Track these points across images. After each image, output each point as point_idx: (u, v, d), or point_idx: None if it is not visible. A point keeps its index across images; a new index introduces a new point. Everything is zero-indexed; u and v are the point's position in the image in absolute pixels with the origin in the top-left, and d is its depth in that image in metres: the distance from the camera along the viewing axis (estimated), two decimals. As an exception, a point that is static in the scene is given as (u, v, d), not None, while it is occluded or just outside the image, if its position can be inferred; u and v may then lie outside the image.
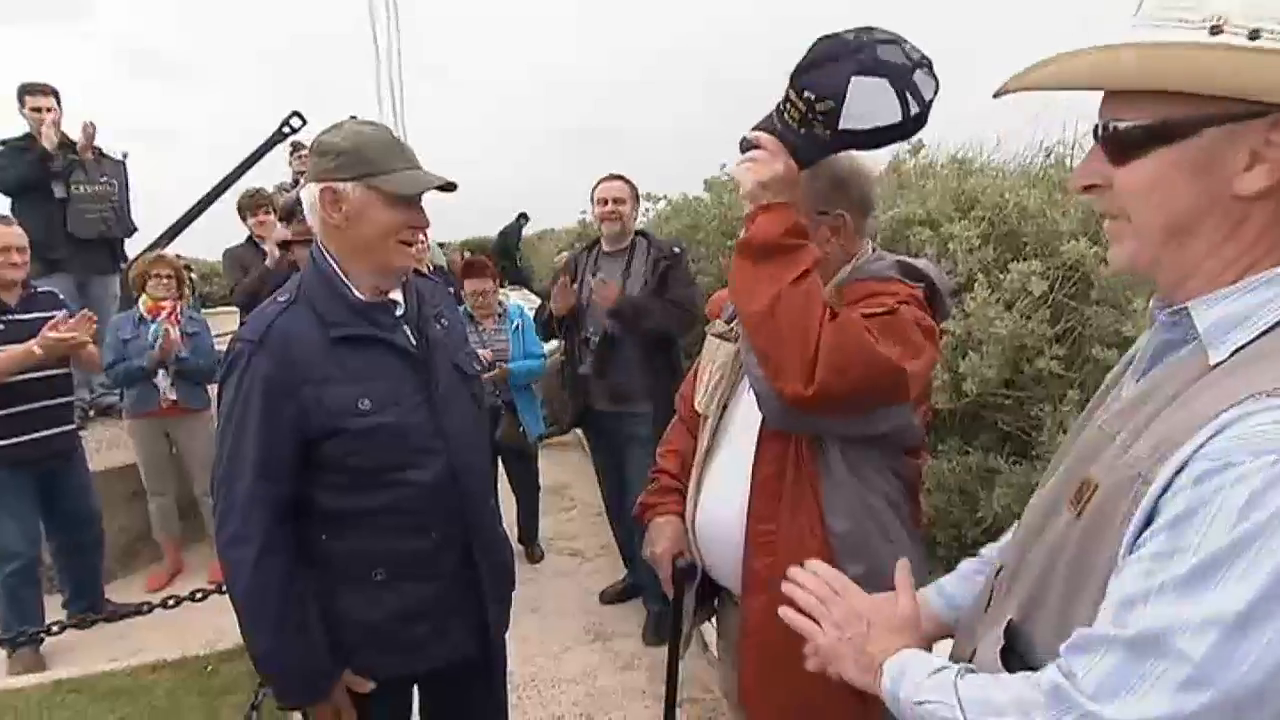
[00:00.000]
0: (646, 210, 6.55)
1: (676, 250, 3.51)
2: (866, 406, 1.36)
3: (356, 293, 1.59)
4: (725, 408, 1.64)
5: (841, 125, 1.26)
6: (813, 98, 1.26)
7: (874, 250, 1.54)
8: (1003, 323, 2.42)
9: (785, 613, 1.10)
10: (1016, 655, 0.87)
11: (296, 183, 5.76)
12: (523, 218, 17.01)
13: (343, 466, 1.53)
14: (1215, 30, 0.72)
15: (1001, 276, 2.55)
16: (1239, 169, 0.73)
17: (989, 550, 1.22)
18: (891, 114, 1.25)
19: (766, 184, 1.31)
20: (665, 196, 6.56)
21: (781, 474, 1.47)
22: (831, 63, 1.25)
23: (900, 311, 1.37)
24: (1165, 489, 0.70)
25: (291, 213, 5.40)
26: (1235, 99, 0.71)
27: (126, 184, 5.30)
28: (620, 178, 3.55)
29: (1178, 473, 0.69)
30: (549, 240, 13.97)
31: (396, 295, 1.67)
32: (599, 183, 3.56)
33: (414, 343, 1.64)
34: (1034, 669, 0.80)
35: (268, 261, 4.34)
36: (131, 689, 3.17)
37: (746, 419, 1.55)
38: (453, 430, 1.66)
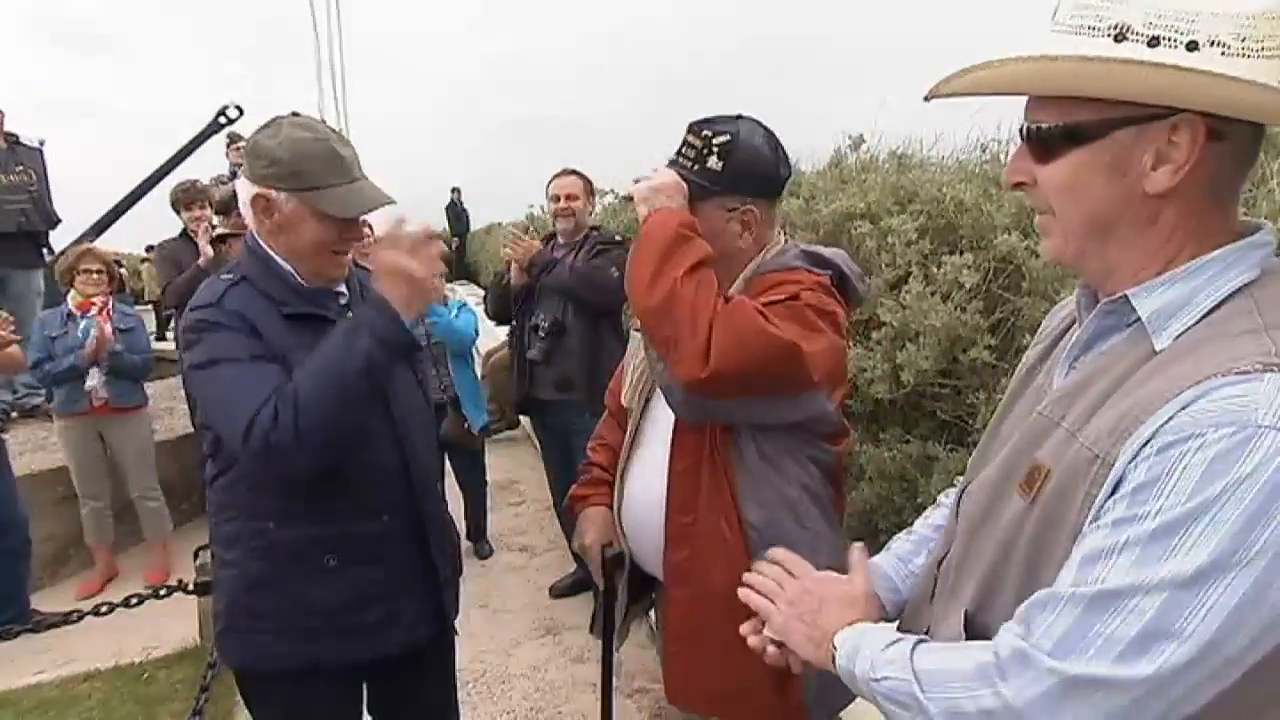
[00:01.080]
0: (595, 202, 6.54)
1: (619, 239, 3.61)
2: (766, 388, 1.41)
3: (298, 277, 1.59)
4: (648, 401, 1.67)
5: (732, 156, 1.46)
6: (710, 134, 1.48)
7: (786, 240, 1.59)
8: (938, 314, 2.48)
9: (744, 594, 1.12)
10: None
11: (234, 175, 5.63)
12: (455, 192, 17.09)
13: None
14: (1119, 38, 0.76)
15: (937, 269, 2.61)
16: (1147, 169, 0.78)
17: (920, 526, 1.25)
18: (770, 160, 1.51)
19: (658, 189, 1.45)
20: (613, 190, 6.56)
21: (697, 466, 1.51)
22: (725, 118, 1.51)
23: (801, 296, 1.43)
24: (1131, 461, 0.72)
25: (228, 206, 5.27)
26: (1138, 103, 0.76)
27: (45, 173, 5.11)
28: (575, 173, 3.60)
29: (1143, 446, 0.72)
30: (496, 234, 13.83)
31: (340, 287, 1.67)
32: (553, 178, 3.60)
33: None
34: None
35: (200, 260, 4.23)
36: (60, 700, 3.08)
37: (666, 412, 1.57)
38: (401, 414, 1.67)
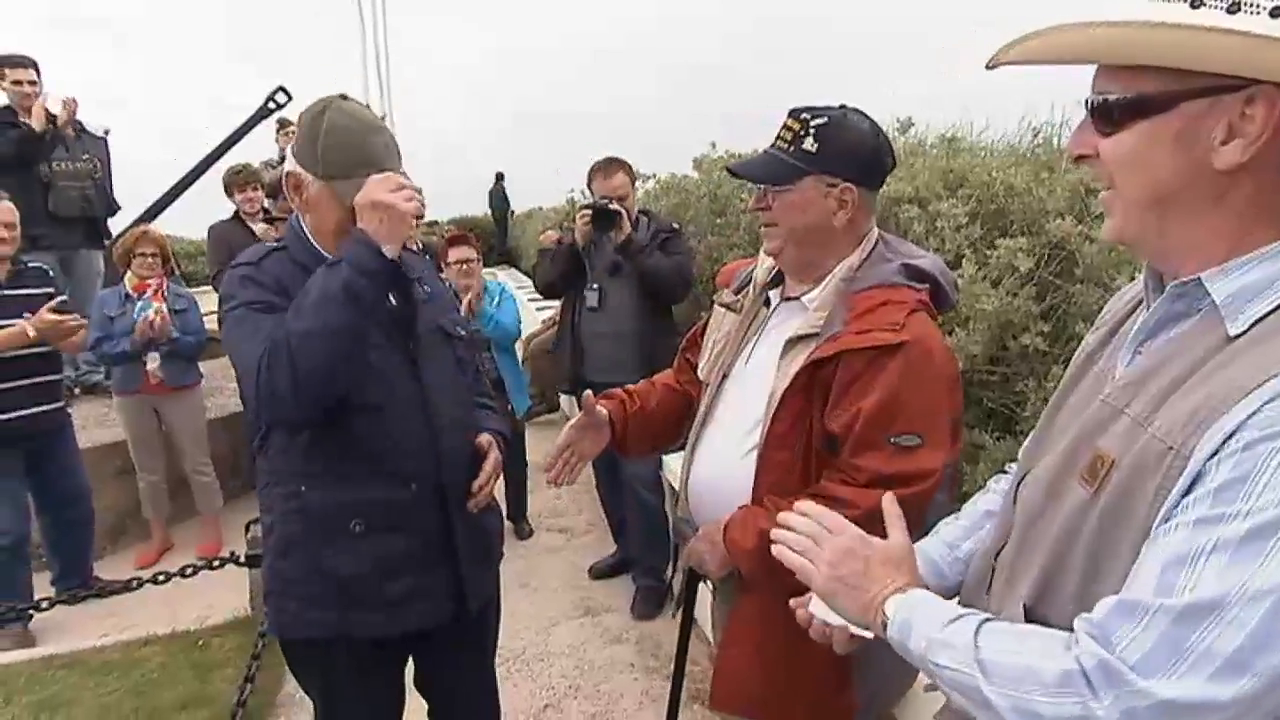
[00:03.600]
0: (635, 187, 6.52)
1: (675, 226, 3.62)
2: None
3: (326, 254, 1.61)
4: (725, 376, 1.67)
5: (832, 138, 1.48)
6: (809, 117, 1.49)
7: (877, 240, 1.58)
8: (989, 299, 2.43)
9: (778, 551, 1.08)
10: None
11: (283, 159, 5.73)
12: (499, 177, 17.19)
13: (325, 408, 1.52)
14: (1195, 4, 0.73)
15: (989, 254, 2.56)
16: (1216, 143, 0.74)
17: (968, 512, 1.22)
18: (871, 146, 1.52)
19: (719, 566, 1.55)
20: (654, 175, 6.53)
21: (792, 462, 1.49)
22: (828, 106, 1.52)
23: (930, 369, 1.41)
24: (1212, 456, 0.68)
25: (278, 189, 5.39)
26: (1211, 74, 0.72)
27: (109, 161, 5.24)
28: (621, 166, 3.55)
29: (1226, 441, 0.68)
30: (537, 219, 13.88)
31: None
32: (597, 173, 3.54)
33: (394, 302, 1.66)
34: None
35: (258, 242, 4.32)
36: (122, 663, 3.19)
37: (745, 389, 1.59)
38: (432, 384, 1.67)
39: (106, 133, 5.27)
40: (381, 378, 1.60)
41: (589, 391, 1.78)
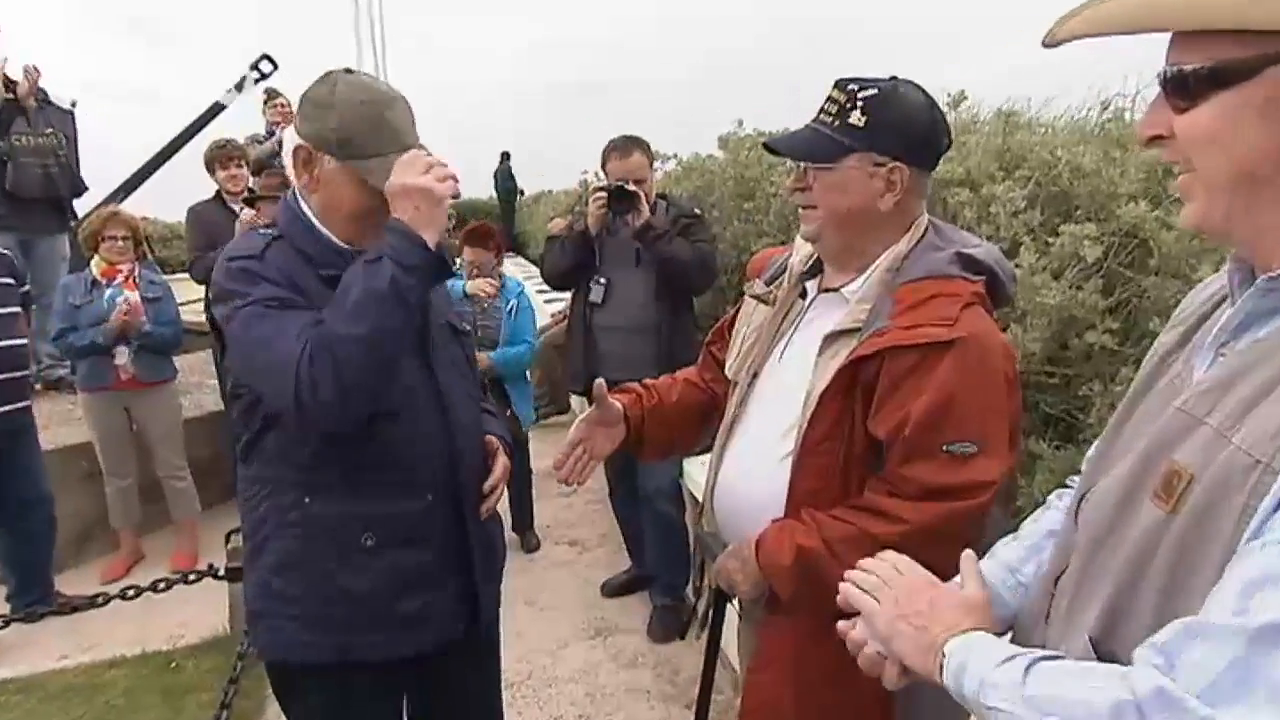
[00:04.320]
0: (654, 169, 6.52)
1: (697, 211, 3.64)
2: None
3: (335, 240, 1.61)
4: (756, 375, 1.68)
5: (881, 112, 1.47)
6: (856, 89, 1.49)
7: (927, 227, 1.58)
8: (1050, 292, 2.39)
9: (844, 588, 1.10)
10: None
11: (270, 134, 5.75)
12: (504, 157, 17.24)
13: None
14: None
15: (1050, 242, 2.53)
16: None
17: (1029, 531, 1.21)
18: (925, 121, 1.51)
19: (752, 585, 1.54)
20: (675, 155, 6.52)
21: (830, 469, 1.50)
22: (878, 78, 1.51)
23: (986, 369, 1.40)
24: None
25: (264, 166, 5.42)
26: None
27: (75, 137, 5.27)
28: (637, 145, 3.56)
29: None
30: (546, 203, 13.91)
31: None
32: (611, 153, 3.55)
33: None
34: None
35: (238, 225, 4.35)
36: (86, 687, 3.21)
37: (779, 389, 1.60)
38: (447, 384, 1.69)
39: (73, 105, 5.31)
40: (407, 389, 1.61)
41: (600, 380, 1.78)
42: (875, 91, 1.48)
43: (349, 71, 1.61)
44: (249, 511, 1.67)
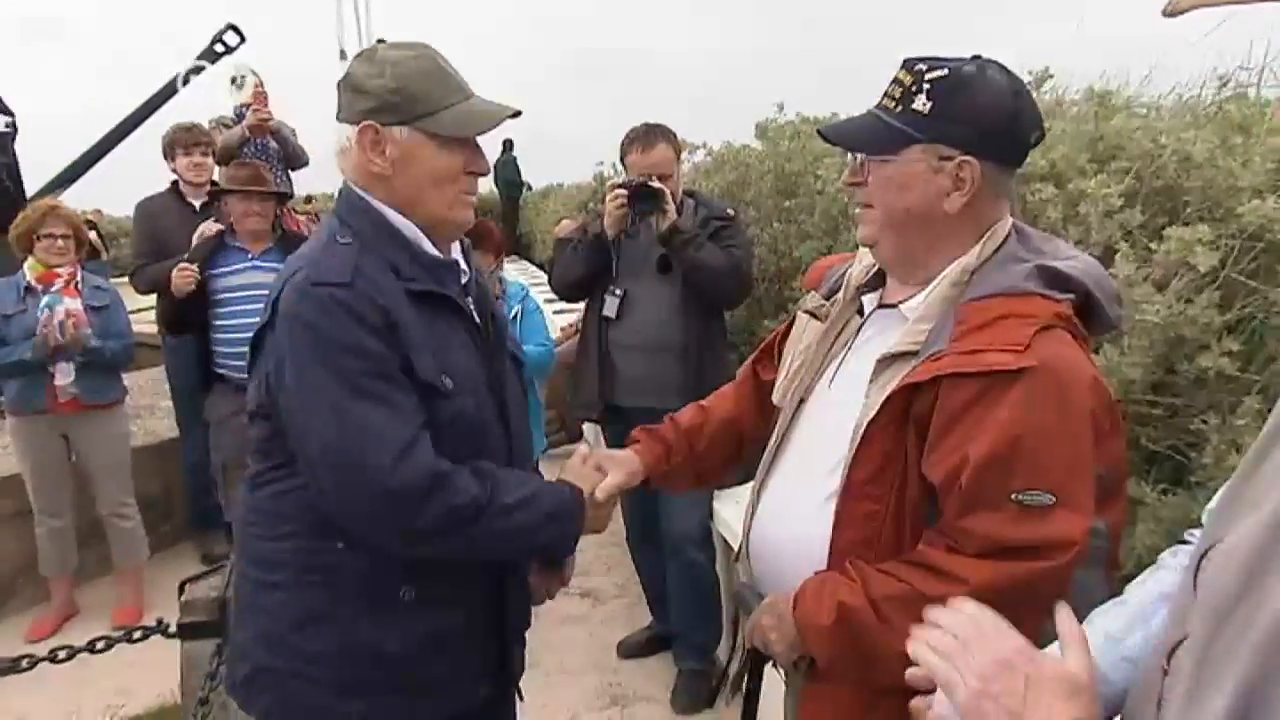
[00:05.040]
0: (682, 161, 6.52)
1: (731, 212, 3.65)
2: None
3: (424, 242, 1.70)
4: (802, 402, 1.69)
5: (951, 97, 1.47)
6: (924, 69, 1.49)
7: (1013, 232, 1.56)
8: (1153, 307, 2.36)
9: (916, 650, 1.06)
10: None
11: (239, 118, 5.81)
12: (507, 145, 17.39)
13: None
14: None
15: (1153, 247, 2.49)
16: None
17: (1135, 595, 1.18)
18: (1006, 109, 1.49)
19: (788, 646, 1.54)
20: (705, 145, 6.53)
21: (879, 514, 1.49)
22: (954, 57, 1.51)
23: (1065, 405, 1.38)
24: None
25: (232, 155, 5.47)
26: None
27: (13, 155, 5.37)
28: (662, 136, 3.56)
29: None
30: (556, 200, 13.99)
31: (456, 257, 1.80)
32: (632, 144, 3.57)
33: (477, 318, 1.80)
34: None
35: (197, 236, 4.38)
36: (8, 764, 3.19)
37: (826, 419, 1.61)
38: (514, 427, 1.82)
39: (10, 126, 5.42)
40: (479, 437, 1.71)
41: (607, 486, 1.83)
42: (945, 73, 1.48)
43: (381, 41, 1.75)
44: (255, 547, 1.72)
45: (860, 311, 1.69)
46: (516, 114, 1.72)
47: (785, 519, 1.64)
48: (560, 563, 1.87)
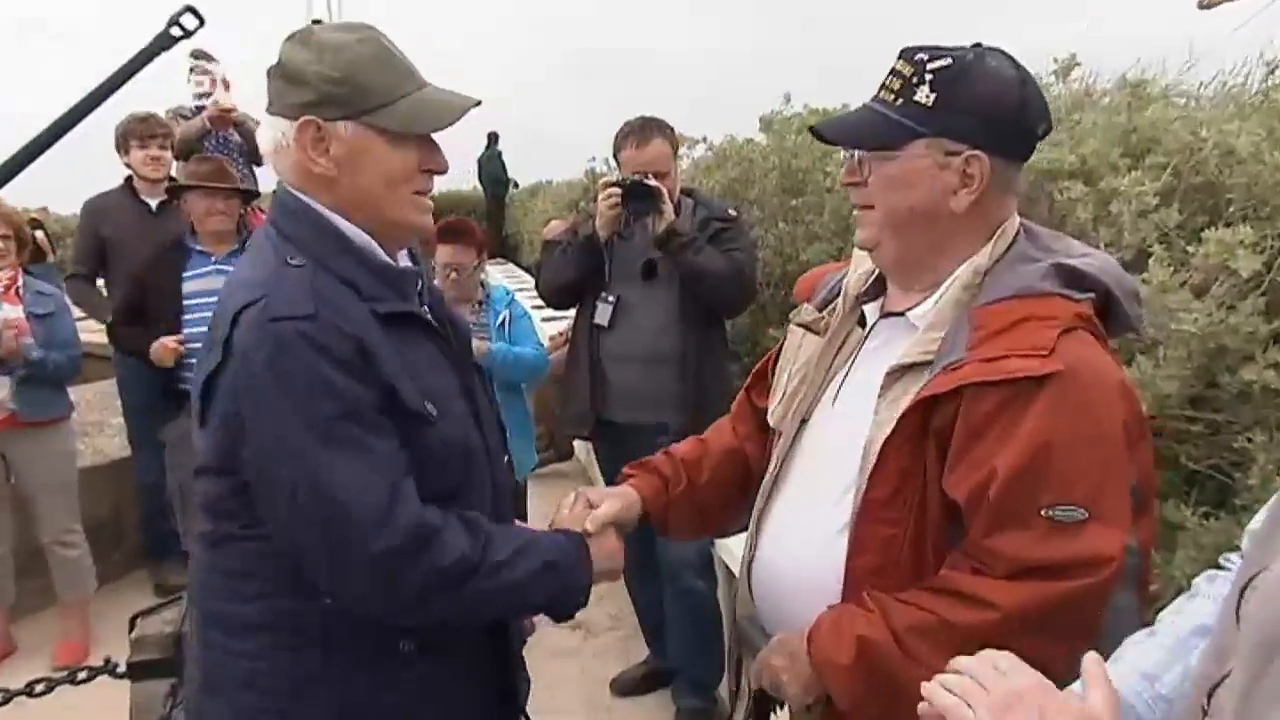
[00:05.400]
0: (680, 157, 6.53)
1: (733, 212, 3.67)
2: None
3: (378, 250, 1.64)
4: (804, 422, 1.70)
5: (956, 87, 1.48)
6: (925, 58, 1.51)
7: (1021, 231, 1.58)
8: (1191, 315, 2.36)
9: (930, 689, 1.07)
10: None
11: (198, 109, 5.81)
12: (492, 138, 17.39)
13: None
14: None
15: (1191, 249, 2.49)
16: None
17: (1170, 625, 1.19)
18: (1013, 99, 1.51)
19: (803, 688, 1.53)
20: (706, 139, 6.55)
21: (895, 541, 1.50)
22: (955, 46, 1.53)
23: (1096, 410, 1.39)
24: None
25: (192, 149, 5.47)
26: None
27: None
28: (659, 130, 3.57)
29: None
30: (544, 198, 14.01)
31: (405, 262, 1.74)
32: (626, 139, 3.58)
33: (439, 327, 1.75)
34: None
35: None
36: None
37: (832, 440, 1.62)
38: (493, 447, 1.79)
39: None
40: (467, 464, 1.69)
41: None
42: (948, 62, 1.49)
43: (316, 22, 1.66)
44: (217, 610, 1.65)
45: (862, 322, 1.70)
46: (477, 104, 1.67)
47: (792, 547, 1.65)
48: (571, 615, 1.81)
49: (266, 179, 6.54)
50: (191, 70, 6.08)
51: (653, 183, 3.39)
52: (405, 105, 1.58)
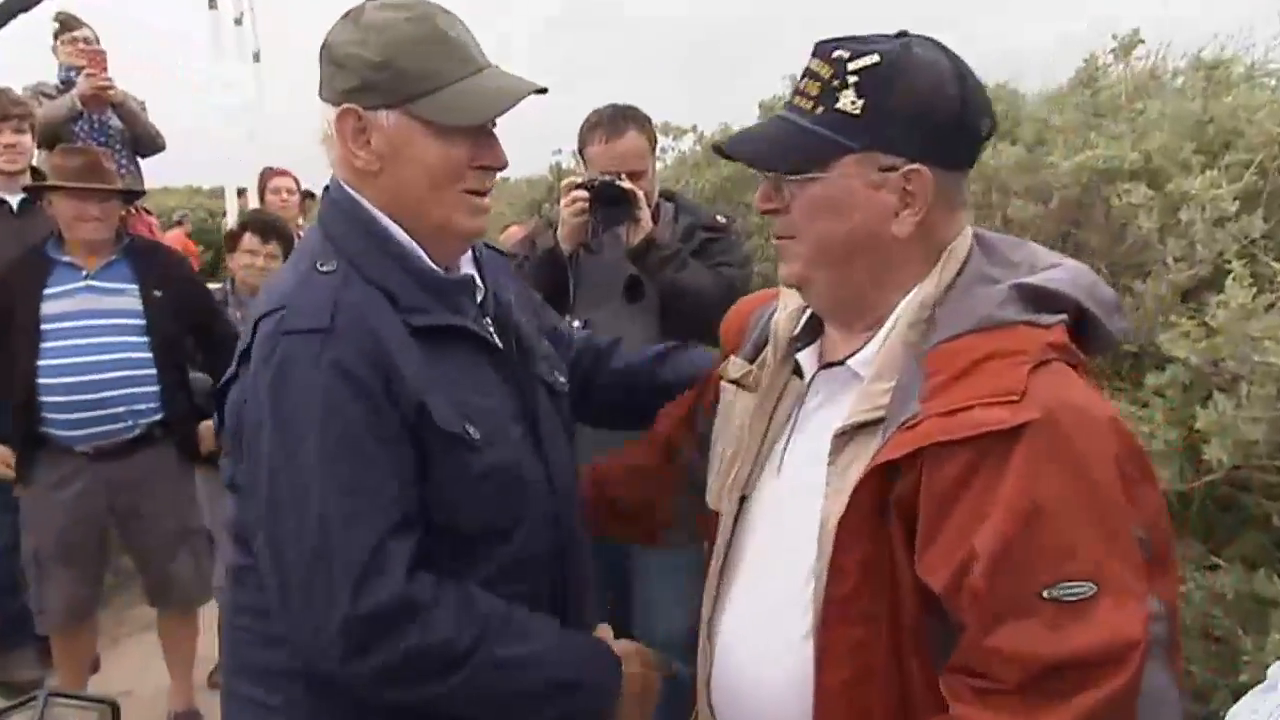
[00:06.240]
0: (664, 151, 6.55)
1: (723, 220, 3.71)
2: None
3: (424, 255, 1.71)
4: (745, 499, 1.72)
5: (883, 89, 1.49)
6: (846, 55, 1.51)
7: (974, 246, 1.59)
8: (1279, 346, 2.37)
9: None
10: None
11: (67, 84, 5.72)
12: None
13: (429, 528, 1.64)
14: None
15: (1278, 265, 2.51)
16: None
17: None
18: (953, 99, 1.52)
19: None
20: (696, 128, 6.55)
21: (869, 647, 1.48)
22: (878, 36, 1.55)
23: (1085, 458, 1.36)
24: None
25: (58, 136, 5.37)
26: None
27: None
28: (632, 122, 3.57)
29: None
30: (501, 198, 13.96)
31: (468, 268, 1.85)
32: (594, 128, 3.58)
33: (499, 342, 1.82)
34: None
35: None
36: None
37: (783, 521, 1.64)
38: (559, 476, 1.85)
39: None
40: (520, 493, 1.74)
41: None
42: (875, 60, 1.49)
43: None
44: (244, 655, 1.77)
45: (799, 371, 1.70)
46: (542, 90, 1.72)
47: (750, 662, 1.64)
48: None
49: (157, 173, 6.50)
50: (57, 38, 6.01)
51: (626, 184, 3.36)
52: (448, 94, 1.65)
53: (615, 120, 3.53)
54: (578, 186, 3.45)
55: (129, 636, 5.54)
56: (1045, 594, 1.31)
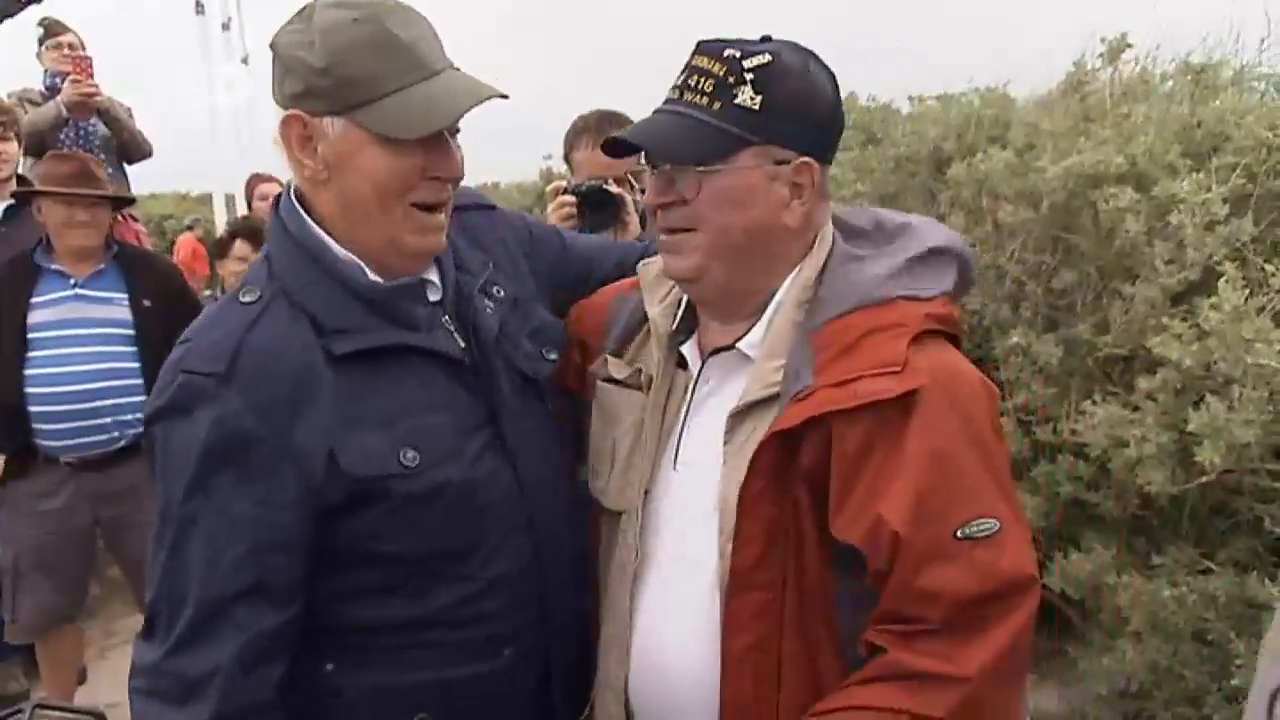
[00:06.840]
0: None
1: None
2: None
3: (368, 271, 1.65)
4: (649, 493, 1.73)
5: (777, 87, 1.57)
6: (738, 55, 1.58)
7: (833, 231, 1.71)
8: (1273, 346, 2.38)
9: None
10: None
11: (53, 90, 5.69)
12: None
13: (375, 558, 1.62)
14: None
15: (1270, 267, 2.51)
16: None
17: None
18: (830, 99, 1.65)
19: None
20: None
21: (772, 612, 1.54)
22: (748, 40, 1.62)
23: (970, 415, 1.50)
24: None
25: (45, 144, 5.35)
26: None
27: None
28: (621, 125, 3.47)
29: None
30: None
31: (430, 275, 1.75)
32: (580, 134, 3.55)
33: (461, 343, 1.73)
34: None
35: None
36: None
37: (688, 514, 1.67)
38: (532, 480, 1.76)
39: None
40: (475, 509, 1.68)
41: None
42: (768, 59, 1.57)
43: None
44: None
45: (683, 363, 1.74)
46: (503, 96, 1.65)
47: (672, 648, 1.67)
48: None
49: (144, 180, 6.49)
50: (42, 43, 6.00)
51: (613, 189, 3.35)
52: (394, 102, 1.57)
53: (603, 125, 3.50)
54: (564, 192, 3.44)
55: (115, 648, 5.50)
56: (959, 533, 1.43)
